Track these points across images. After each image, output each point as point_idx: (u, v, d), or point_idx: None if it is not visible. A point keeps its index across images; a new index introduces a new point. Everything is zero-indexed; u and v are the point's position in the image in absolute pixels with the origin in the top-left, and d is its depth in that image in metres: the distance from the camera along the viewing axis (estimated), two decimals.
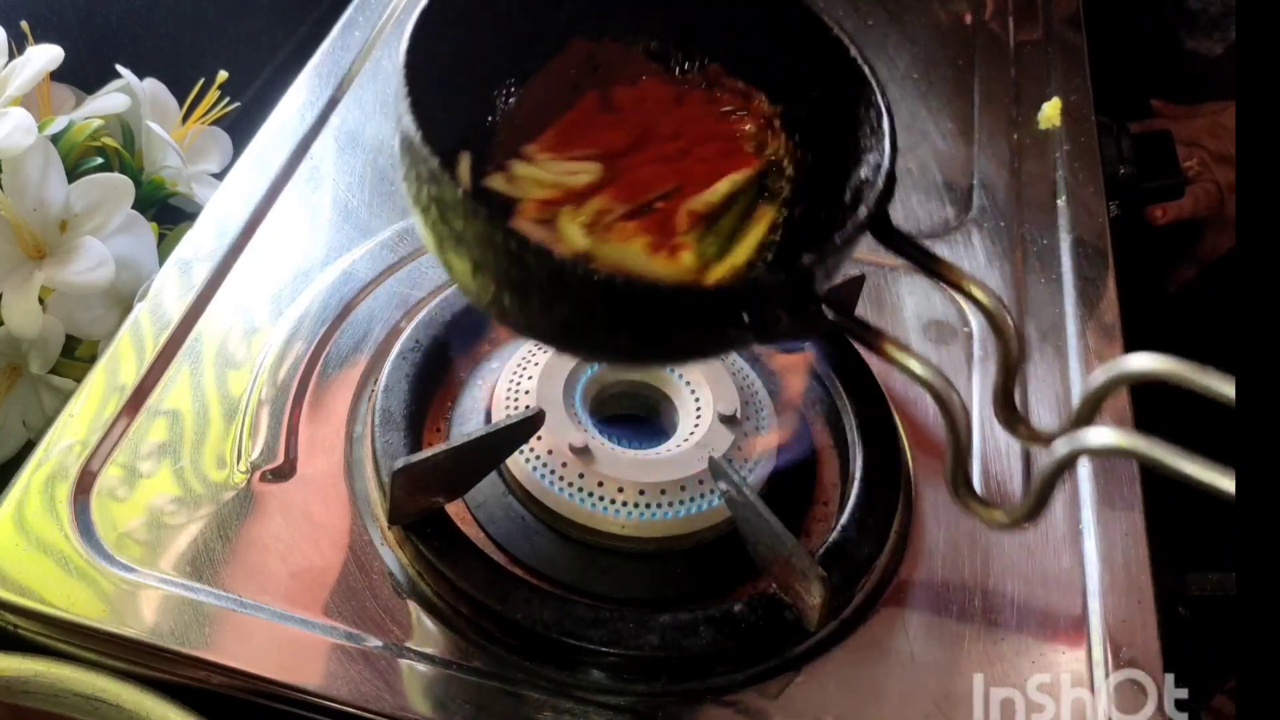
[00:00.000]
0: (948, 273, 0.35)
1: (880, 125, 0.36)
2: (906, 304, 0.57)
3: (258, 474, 0.46)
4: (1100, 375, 0.32)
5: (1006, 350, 0.35)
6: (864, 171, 0.37)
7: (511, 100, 0.41)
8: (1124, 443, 0.30)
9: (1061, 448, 0.31)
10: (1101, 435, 0.31)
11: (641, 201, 0.39)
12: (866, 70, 0.37)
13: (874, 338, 0.33)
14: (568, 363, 0.48)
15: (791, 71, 0.40)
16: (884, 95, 0.37)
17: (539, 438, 0.45)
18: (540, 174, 0.39)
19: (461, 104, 0.39)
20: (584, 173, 0.39)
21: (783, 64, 0.40)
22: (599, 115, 0.41)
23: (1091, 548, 0.48)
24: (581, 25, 0.41)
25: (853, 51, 0.38)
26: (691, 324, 0.34)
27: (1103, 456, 0.31)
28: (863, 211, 0.34)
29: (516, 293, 0.33)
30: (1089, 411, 0.34)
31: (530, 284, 0.33)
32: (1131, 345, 0.56)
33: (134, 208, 0.56)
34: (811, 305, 0.33)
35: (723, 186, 0.39)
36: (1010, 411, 0.36)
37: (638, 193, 0.39)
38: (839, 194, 0.37)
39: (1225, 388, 0.29)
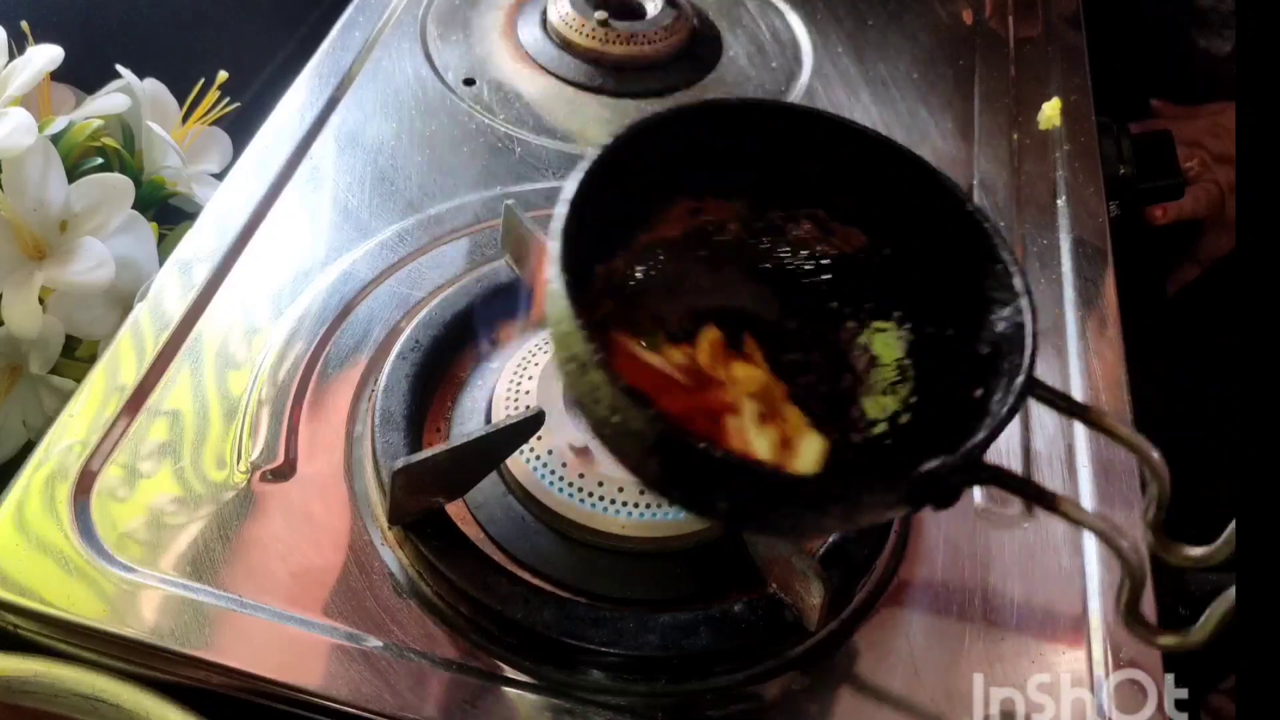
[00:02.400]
0: (1097, 419, 0.37)
1: (1010, 280, 0.37)
2: None
3: (258, 474, 0.46)
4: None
5: (1160, 488, 0.37)
6: (1000, 325, 0.37)
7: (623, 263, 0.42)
8: None
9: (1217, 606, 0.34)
10: None
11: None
12: (987, 224, 0.38)
13: (1046, 497, 0.35)
14: None
15: (897, 218, 0.41)
16: (1010, 249, 0.37)
17: (539, 438, 0.45)
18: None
19: (587, 266, 0.40)
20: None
21: (887, 210, 0.41)
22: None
23: (1091, 548, 0.48)
24: (687, 187, 0.42)
25: (970, 205, 0.38)
26: (872, 511, 0.36)
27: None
28: (1019, 382, 0.35)
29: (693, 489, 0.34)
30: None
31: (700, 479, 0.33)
32: (1131, 345, 0.56)
33: (134, 208, 0.56)
34: (982, 474, 0.35)
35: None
36: (1162, 538, 0.39)
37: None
38: (970, 345, 0.38)
39: None
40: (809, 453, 0.39)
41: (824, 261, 0.43)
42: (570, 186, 0.36)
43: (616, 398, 0.33)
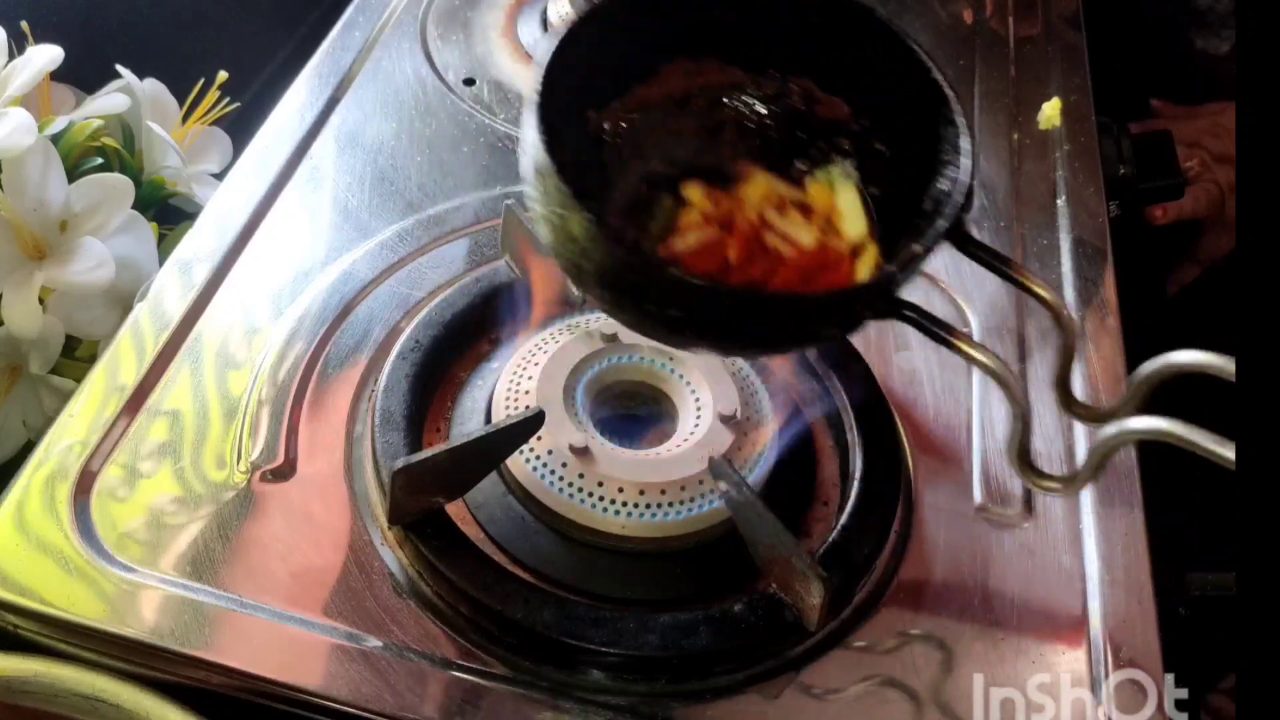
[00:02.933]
0: (1016, 273, 0.40)
1: (959, 142, 0.39)
2: None
3: (258, 474, 0.46)
4: (1149, 365, 0.37)
5: (1067, 340, 0.40)
6: (943, 184, 0.40)
7: (620, 120, 0.44)
8: (1164, 427, 0.34)
9: (1111, 430, 0.36)
10: (1144, 421, 0.35)
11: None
12: (948, 90, 0.40)
13: (945, 330, 0.37)
14: (568, 363, 0.48)
15: (880, 93, 0.43)
16: (963, 115, 0.40)
17: (539, 438, 0.45)
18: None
19: (575, 126, 0.42)
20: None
21: (868, 84, 0.43)
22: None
23: (1091, 548, 0.48)
24: (684, 47, 0.44)
25: (935, 73, 0.41)
26: (793, 324, 0.38)
27: (1146, 439, 0.35)
28: (941, 224, 0.38)
29: (638, 299, 0.37)
30: (1139, 396, 0.37)
31: (651, 291, 0.36)
32: (1131, 345, 0.56)
33: (134, 208, 0.56)
34: (891, 305, 0.38)
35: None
36: (1067, 394, 0.41)
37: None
38: (919, 202, 0.41)
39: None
40: (854, 229, 0.42)
41: (801, 129, 0.45)
42: (562, 28, 0.39)
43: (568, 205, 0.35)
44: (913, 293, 0.57)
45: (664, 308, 0.36)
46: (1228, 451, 0.31)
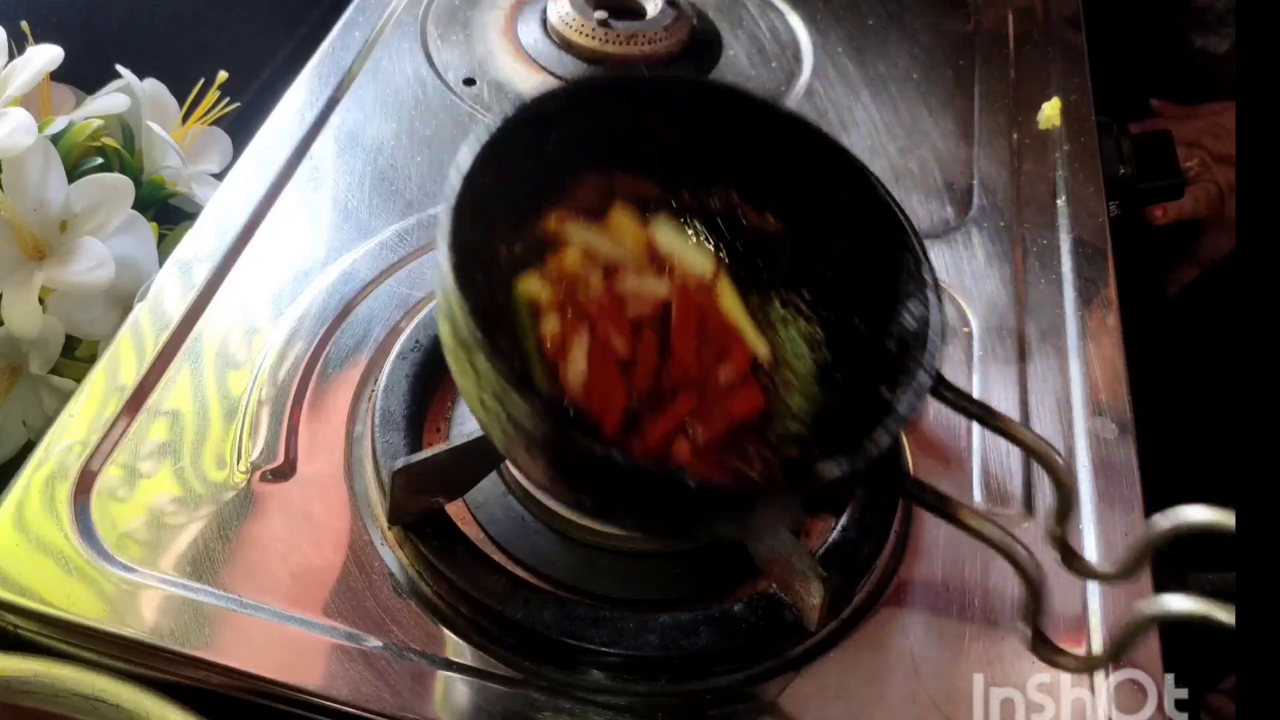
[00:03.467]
0: (1005, 425, 0.37)
1: (919, 272, 0.36)
2: None
3: (258, 474, 0.46)
4: (1160, 523, 0.35)
5: (1064, 496, 0.38)
6: (906, 319, 0.37)
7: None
8: (1200, 610, 0.33)
9: (1147, 609, 0.35)
10: (1179, 601, 0.34)
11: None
12: (901, 215, 0.37)
13: (948, 505, 0.35)
14: None
15: (810, 204, 0.40)
16: (919, 239, 0.36)
17: None
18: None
19: (488, 235, 0.40)
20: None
21: (800, 196, 0.40)
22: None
23: (1091, 548, 0.48)
24: (596, 162, 0.41)
25: (883, 194, 0.37)
26: (771, 511, 0.36)
27: (1187, 620, 0.34)
28: (924, 378, 0.34)
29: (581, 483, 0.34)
30: (1140, 558, 0.37)
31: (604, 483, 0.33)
32: (1131, 345, 0.56)
33: (134, 208, 0.56)
34: (898, 480, 0.36)
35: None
36: (1066, 548, 0.39)
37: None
38: (879, 339, 0.37)
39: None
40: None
41: (738, 244, 0.42)
42: (464, 156, 0.36)
43: (498, 381, 0.32)
44: None
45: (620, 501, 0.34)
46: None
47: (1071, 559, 0.39)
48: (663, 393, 0.38)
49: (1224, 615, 0.32)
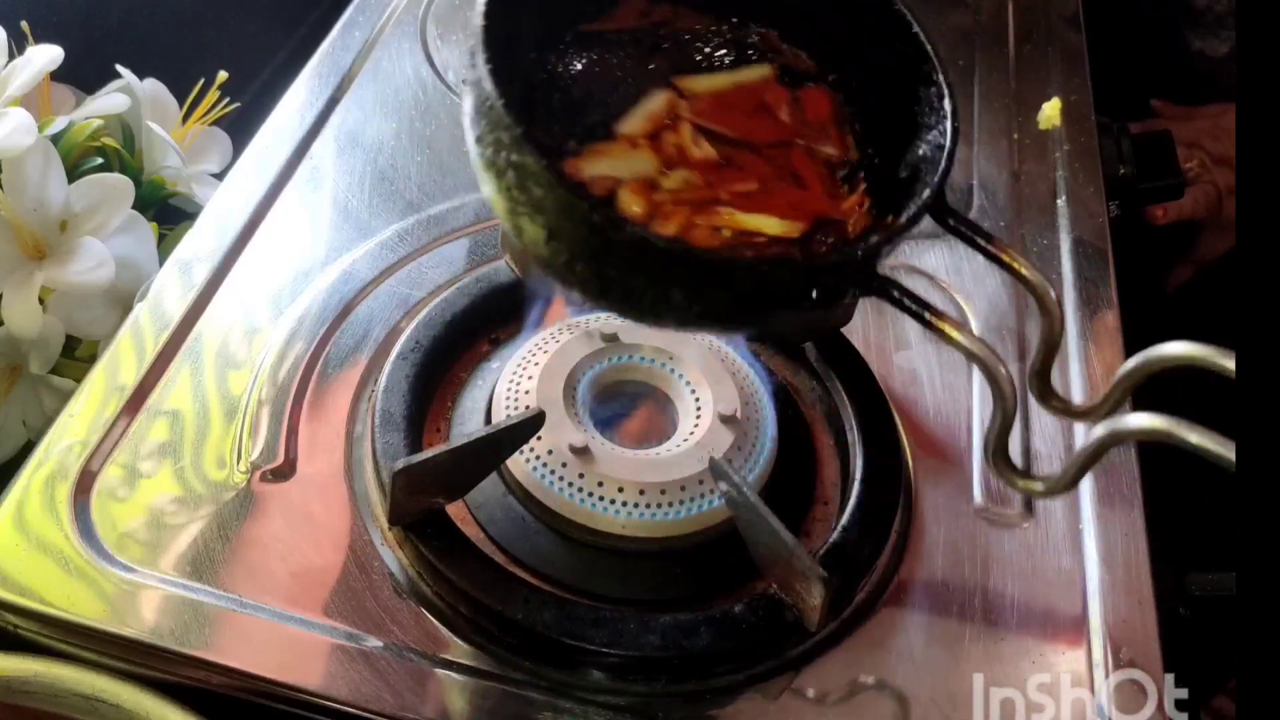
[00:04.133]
0: (999, 251, 0.37)
1: (940, 104, 0.36)
2: None
3: (258, 474, 0.46)
4: (1135, 360, 0.34)
5: (1050, 327, 0.36)
6: (922, 149, 0.37)
7: (570, 60, 0.40)
8: (1160, 425, 0.31)
9: (1101, 430, 0.33)
10: (1139, 419, 0.32)
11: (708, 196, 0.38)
12: (928, 46, 0.37)
13: (928, 312, 0.34)
14: (568, 363, 0.48)
15: (848, 43, 0.40)
16: (945, 73, 0.37)
17: (539, 438, 0.45)
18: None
19: (524, 62, 0.39)
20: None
21: (839, 34, 0.40)
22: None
23: (1091, 548, 0.48)
24: None
25: (915, 27, 0.38)
26: (764, 296, 0.35)
27: (1140, 439, 0.33)
28: (925, 193, 0.35)
29: (592, 261, 0.34)
30: (1121, 393, 0.35)
31: (609, 255, 0.33)
32: (1131, 345, 0.56)
33: (134, 208, 0.56)
34: (874, 281, 0.35)
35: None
36: (1045, 385, 0.37)
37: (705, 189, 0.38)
38: (894, 168, 0.38)
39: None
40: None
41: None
42: None
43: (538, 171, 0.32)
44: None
45: (626, 275, 0.33)
46: (1226, 451, 0.30)
47: (1048, 396, 0.38)
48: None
49: (1217, 356, 0.31)
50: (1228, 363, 0.31)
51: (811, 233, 0.38)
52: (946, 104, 0.36)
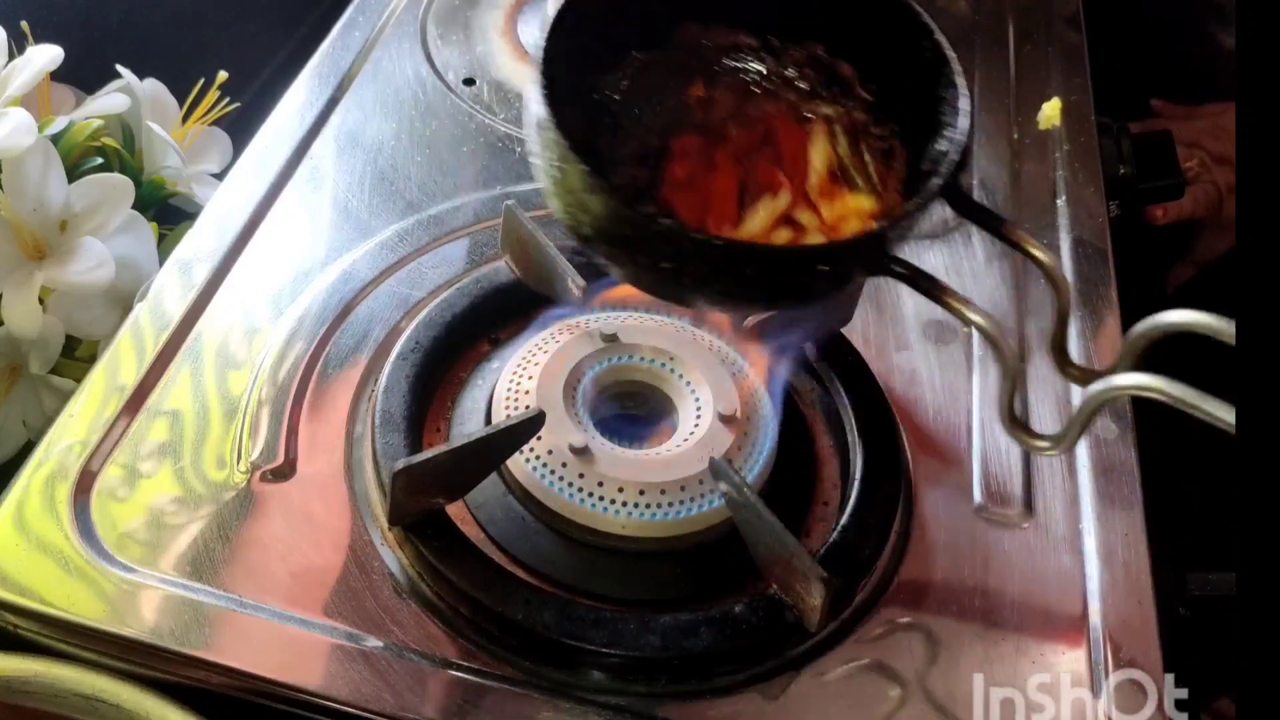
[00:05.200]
0: (1010, 233, 0.40)
1: (958, 103, 0.40)
2: (906, 304, 0.57)
3: (258, 474, 0.46)
4: (1143, 323, 0.37)
5: (1061, 302, 0.40)
6: (941, 144, 0.40)
7: (625, 84, 0.44)
8: (1153, 383, 0.34)
9: (1098, 385, 0.36)
10: (1132, 378, 0.35)
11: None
12: (948, 51, 0.42)
13: (934, 286, 0.37)
14: (568, 363, 0.48)
15: (882, 54, 0.44)
16: (961, 75, 0.41)
17: (539, 438, 0.45)
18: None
19: (582, 87, 0.42)
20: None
21: (874, 47, 0.44)
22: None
23: (1091, 548, 0.48)
24: (692, 11, 0.44)
25: (938, 35, 0.43)
26: (782, 275, 0.38)
27: (1136, 394, 0.35)
28: (936, 181, 0.38)
29: (632, 251, 0.38)
30: (1130, 359, 0.37)
31: (656, 250, 0.37)
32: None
33: (134, 208, 0.56)
34: (882, 260, 0.38)
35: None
36: (1063, 355, 0.41)
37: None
38: (918, 162, 0.41)
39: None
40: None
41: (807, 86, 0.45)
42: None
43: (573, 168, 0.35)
44: (913, 292, 0.58)
45: (656, 260, 0.37)
46: (1220, 411, 0.31)
47: (1066, 365, 0.41)
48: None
49: (1219, 323, 0.33)
50: (1227, 327, 0.33)
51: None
52: (963, 103, 0.40)
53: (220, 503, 0.45)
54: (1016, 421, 0.39)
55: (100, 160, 0.60)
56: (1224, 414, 0.31)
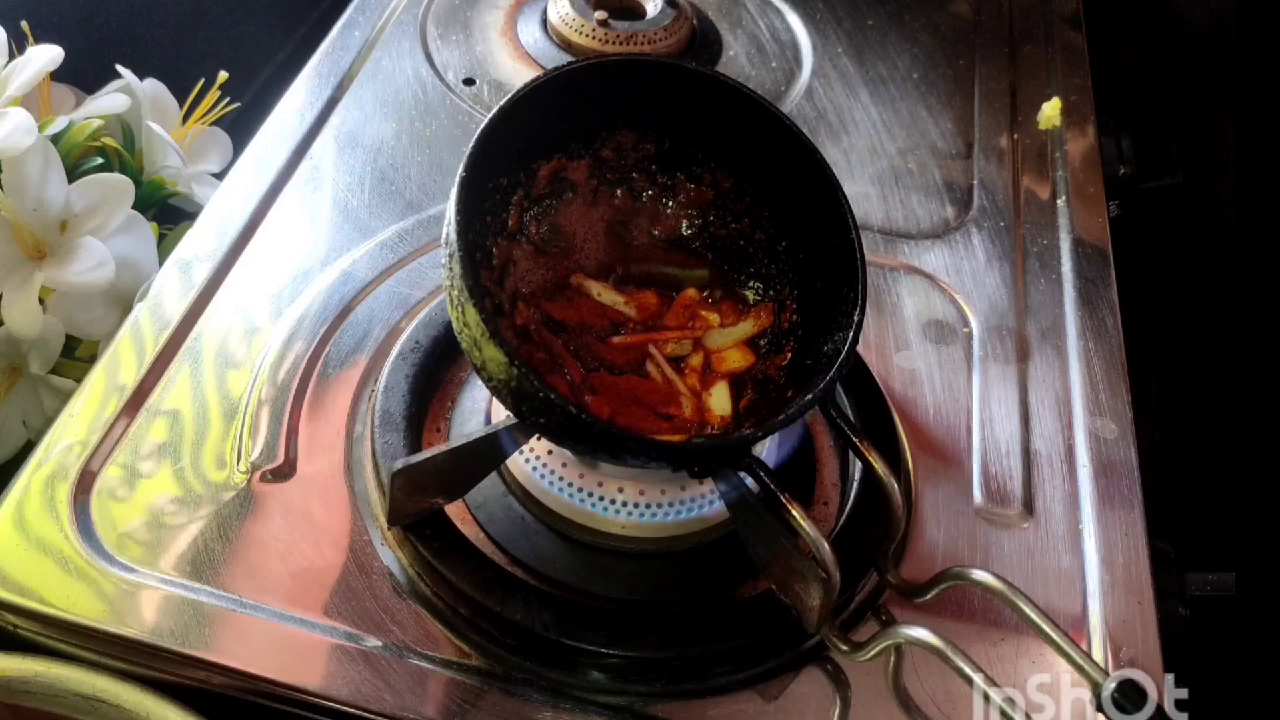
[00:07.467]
0: (862, 446, 0.43)
1: (851, 314, 0.41)
2: (906, 304, 0.57)
3: (258, 474, 0.46)
4: (957, 569, 0.42)
5: (895, 517, 0.43)
6: (828, 346, 0.42)
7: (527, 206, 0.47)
8: (930, 641, 0.39)
9: (881, 639, 0.40)
10: (915, 631, 0.40)
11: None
12: (860, 257, 0.42)
13: (783, 493, 0.39)
14: None
15: (799, 214, 0.45)
16: (865, 284, 0.42)
17: (539, 438, 0.45)
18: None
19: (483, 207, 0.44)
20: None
21: (791, 204, 0.45)
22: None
23: (1091, 548, 0.48)
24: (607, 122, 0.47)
25: (853, 233, 0.42)
26: (647, 459, 0.40)
27: (914, 645, 0.40)
28: (809, 398, 0.39)
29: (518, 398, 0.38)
30: (940, 584, 0.42)
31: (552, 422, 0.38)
32: (1131, 345, 0.56)
33: (134, 208, 0.56)
34: (745, 459, 0.39)
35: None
36: (886, 564, 0.44)
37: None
38: (815, 356, 0.43)
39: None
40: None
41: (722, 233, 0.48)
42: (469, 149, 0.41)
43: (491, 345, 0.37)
44: (913, 292, 0.58)
45: (535, 418, 0.38)
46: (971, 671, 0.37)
47: (886, 572, 0.44)
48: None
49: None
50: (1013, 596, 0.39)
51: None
52: (855, 315, 0.41)
53: (220, 503, 0.45)
54: (833, 625, 0.41)
55: (100, 160, 0.60)
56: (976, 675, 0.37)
